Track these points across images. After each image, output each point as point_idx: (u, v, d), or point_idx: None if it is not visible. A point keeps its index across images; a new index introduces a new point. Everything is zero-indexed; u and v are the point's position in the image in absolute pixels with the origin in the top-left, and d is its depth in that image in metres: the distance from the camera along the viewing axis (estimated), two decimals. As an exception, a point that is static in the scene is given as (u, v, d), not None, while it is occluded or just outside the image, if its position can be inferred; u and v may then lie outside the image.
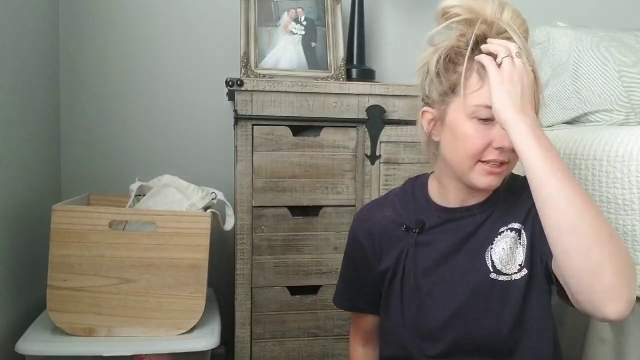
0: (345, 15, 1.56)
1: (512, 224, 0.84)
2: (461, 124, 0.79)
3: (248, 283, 1.28)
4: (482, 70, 0.77)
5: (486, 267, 0.83)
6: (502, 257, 0.83)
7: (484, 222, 0.85)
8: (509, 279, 0.82)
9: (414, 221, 0.88)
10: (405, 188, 0.95)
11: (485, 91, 0.76)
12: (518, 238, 0.83)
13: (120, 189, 1.44)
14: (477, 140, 0.78)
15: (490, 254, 0.83)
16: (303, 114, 1.28)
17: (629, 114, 1.30)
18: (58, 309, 1.11)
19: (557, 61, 1.38)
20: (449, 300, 0.84)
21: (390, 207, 0.93)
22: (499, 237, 0.83)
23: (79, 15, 1.55)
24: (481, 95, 0.77)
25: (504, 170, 0.80)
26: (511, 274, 0.82)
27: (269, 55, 1.43)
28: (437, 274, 0.86)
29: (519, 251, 0.83)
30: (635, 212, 0.95)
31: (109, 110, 1.58)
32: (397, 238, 0.90)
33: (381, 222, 0.92)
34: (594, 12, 1.85)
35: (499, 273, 0.83)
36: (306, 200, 1.30)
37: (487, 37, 0.79)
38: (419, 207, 0.90)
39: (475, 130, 0.78)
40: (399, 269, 0.89)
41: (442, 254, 0.86)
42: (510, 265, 0.82)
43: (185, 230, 1.13)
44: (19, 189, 1.24)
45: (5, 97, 1.18)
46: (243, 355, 1.29)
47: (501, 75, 0.74)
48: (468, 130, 0.78)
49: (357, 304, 1.00)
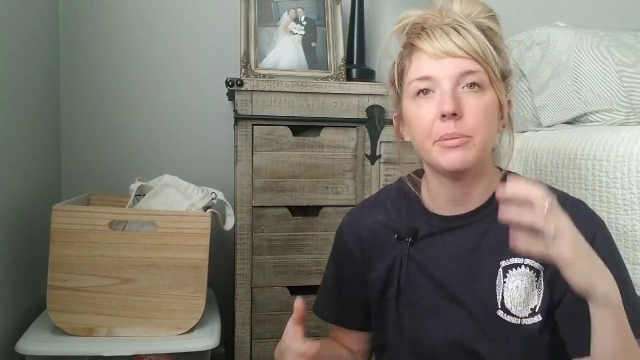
0: (345, 15, 1.56)
1: (530, 261, 0.77)
2: (408, 110, 0.78)
3: (248, 283, 1.28)
4: (411, 47, 0.77)
5: (494, 302, 0.77)
6: (514, 297, 0.76)
7: (487, 238, 0.78)
8: (518, 322, 0.76)
9: (406, 229, 0.83)
10: (399, 190, 0.89)
11: (415, 66, 0.76)
12: (535, 280, 0.76)
13: (120, 189, 1.44)
14: (422, 115, 0.75)
15: (503, 288, 0.77)
16: (303, 114, 1.28)
17: (629, 114, 1.30)
18: (58, 309, 1.11)
19: (557, 61, 1.38)
20: (448, 327, 0.79)
21: (382, 210, 0.87)
22: (514, 272, 0.77)
23: (79, 16, 1.55)
24: (413, 72, 0.76)
25: (467, 143, 0.73)
26: (521, 317, 0.76)
27: (269, 55, 1.43)
28: (435, 293, 0.80)
29: (534, 294, 0.76)
30: (635, 212, 0.94)
31: (108, 110, 1.58)
32: (389, 246, 0.84)
33: (372, 226, 0.86)
34: (594, 12, 1.85)
35: (507, 313, 0.77)
36: (306, 200, 1.30)
37: (432, 25, 0.76)
38: (412, 214, 0.84)
39: (418, 106, 0.76)
40: (393, 281, 0.83)
41: (440, 270, 0.80)
42: (522, 307, 0.76)
43: (185, 230, 1.13)
44: (19, 189, 1.24)
45: (5, 97, 1.18)
46: (243, 355, 1.29)
47: (562, 245, 0.60)
48: (413, 110, 0.77)
49: (343, 317, 0.92)
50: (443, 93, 0.73)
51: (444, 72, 0.74)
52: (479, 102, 0.74)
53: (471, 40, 0.73)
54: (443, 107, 0.72)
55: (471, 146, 0.74)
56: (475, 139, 0.73)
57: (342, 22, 1.49)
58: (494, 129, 0.77)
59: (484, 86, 0.74)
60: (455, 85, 0.74)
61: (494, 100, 0.75)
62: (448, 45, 0.73)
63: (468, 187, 0.80)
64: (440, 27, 0.75)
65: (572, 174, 1.08)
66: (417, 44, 0.76)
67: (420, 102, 0.76)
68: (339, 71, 1.44)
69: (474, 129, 0.73)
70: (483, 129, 0.74)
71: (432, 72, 0.74)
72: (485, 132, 0.74)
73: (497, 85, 0.75)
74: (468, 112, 0.73)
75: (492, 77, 0.74)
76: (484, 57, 0.74)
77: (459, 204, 0.81)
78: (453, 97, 0.72)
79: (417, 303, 0.82)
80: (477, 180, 0.79)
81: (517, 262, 0.77)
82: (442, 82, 0.74)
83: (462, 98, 0.73)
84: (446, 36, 0.74)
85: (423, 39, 0.75)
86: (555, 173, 1.13)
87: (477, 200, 0.81)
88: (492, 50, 0.75)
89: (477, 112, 0.73)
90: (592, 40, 1.36)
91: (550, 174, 1.15)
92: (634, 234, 0.95)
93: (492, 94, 0.75)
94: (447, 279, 0.80)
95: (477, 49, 0.73)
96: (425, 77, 0.75)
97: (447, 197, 0.81)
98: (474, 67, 0.73)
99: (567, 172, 1.10)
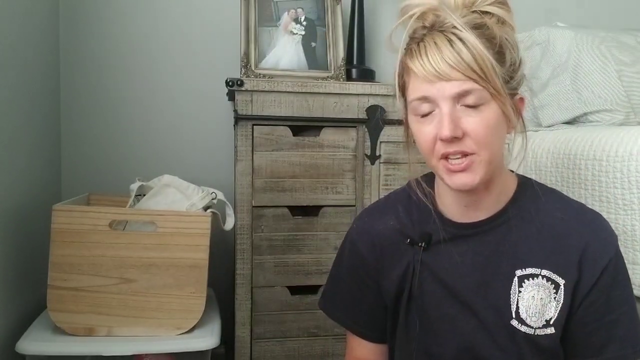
0: (345, 15, 1.56)
1: (547, 272, 0.76)
2: (412, 124, 0.76)
3: (248, 283, 1.28)
4: (406, 67, 0.73)
5: (508, 311, 0.76)
6: (530, 307, 0.75)
7: (503, 246, 0.77)
8: (531, 332, 0.75)
9: (418, 234, 0.81)
10: (410, 193, 0.86)
11: (412, 84, 0.72)
12: (554, 292, 0.75)
13: (120, 189, 1.44)
14: (423, 135, 0.73)
15: (518, 298, 0.76)
16: (303, 114, 1.28)
17: (629, 114, 1.30)
18: (58, 309, 1.11)
19: (557, 61, 1.38)
20: (459, 335, 0.78)
21: (393, 215, 0.84)
22: (531, 282, 0.76)
23: (79, 15, 1.55)
24: (412, 91, 0.73)
25: (472, 164, 0.71)
26: (535, 327, 0.75)
27: (269, 55, 1.43)
28: (447, 300, 0.79)
29: (551, 306, 0.75)
30: (635, 212, 0.94)
31: (109, 110, 1.58)
32: (401, 251, 0.82)
33: (385, 233, 0.83)
34: (594, 12, 1.85)
35: (522, 323, 0.76)
36: (306, 200, 1.30)
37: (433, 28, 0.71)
38: (424, 218, 0.82)
39: (420, 124, 0.73)
40: (405, 288, 0.82)
41: (453, 277, 0.78)
42: (537, 318, 0.75)
43: (186, 230, 1.13)
44: (19, 189, 1.24)
45: (5, 97, 1.18)
46: (243, 355, 1.29)
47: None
48: (416, 127, 0.74)
49: (357, 326, 0.89)
50: (442, 115, 0.70)
51: (440, 94, 0.70)
52: (480, 119, 0.70)
53: (466, 56, 0.67)
54: (441, 132, 0.69)
55: (477, 165, 0.71)
56: (480, 155, 0.71)
57: (342, 22, 1.49)
58: (501, 141, 0.74)
59: (485, 101, 0.70)
60: (454, 104, 0.70)
61: (497, 113, 0.71)
62: (440, 66, 0.68)
63: (480, 194, 0.78)
64: (433, 41, 0.69)
65: (571, 174, 1.08)
66: (410, 66, 0.72)
67: (421, 120, 0.73)
68: (339, 71, 1.44)
69: (478, 147, 0.70)
70: (487, 145, 0.71)
71: (429, 92, 0.70)
72: (490, 147, 0.71)
73: (500, 98, 0.70)
74: (469, 132, 0.70)
75: (492, 92, 0.69)
76: (481, 75, 0.68)
77: (473, 210, 0.79)
78: (451, 121, 0.69)
79: (428, 310, 0.80)
80: (489, 187, 0.78)
81: (534, 272, 0.76)
82: (440, 103, 0.70)
83: (461, 118, 0.70)
84: (438, 54, 0.68)
85: (415, 59, 0.71)
86: (555, 173, 1.13)
87: (492, 205, 0.79)
88: (492, 60, 0.68)
89: (479, 132, 0.70)
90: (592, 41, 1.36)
91: (550, 174, 1.15)
92: (633, 234, 0.95)
93: (494, 107, 0.70)
94: (460, 286, 0.78)
95: (473, 65, 0.68)
96: (423, 98, 0.71)
97: (459, 203, 0.79)
98: (471, 86, 0.68)
99: (566, 172, 1.10)
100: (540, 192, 0.81)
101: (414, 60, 0.71)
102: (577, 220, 0.78)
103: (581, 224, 0.77)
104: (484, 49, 0.68)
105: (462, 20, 0.69)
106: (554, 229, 0.77)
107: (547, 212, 0.79)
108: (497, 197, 0.79)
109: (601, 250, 0.75)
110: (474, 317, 0.78)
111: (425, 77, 0.70)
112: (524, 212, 0.79)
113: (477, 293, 0.78)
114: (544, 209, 0.79)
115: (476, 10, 0.72)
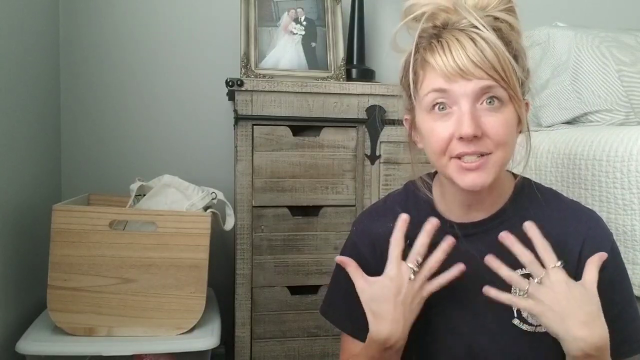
0: (345, 15, 1.56)
1: None
2: (422, 122, 0.75)
3: (248, 283, 1.28)
4: (423, 61, 0.72)
5: (510, 310, 0.76)
6: None
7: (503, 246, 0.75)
8: (533, 329, 0.76)
9: (418, 235, 0.79)
10: (408, 195, 0.86)
11: (428, 78, 0.71)
12: None
13: (120, 189, 1.44)
14: (437, 134, 0.72)
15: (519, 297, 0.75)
16: (303, 114, 1.28)
17: (629, 114, 1.30)
18: (58, 309, 1.11)
19: (557, 61, 1.38)
20: (459, 335, 0.79)
21: (392, 217, 0.82)
22: None
23: (79, 16, 1.55)
24: (428, 84, 0.72)
25: (486, 163, 0.71)
26: (536, 325, 0.76)
27: (269, 55, 1.43)
28: (447, 301, 0.79)
29: None
30: (635, 212, 0.94)
31: (109, 110, 1.58)
32: None
33: (384, 235, 0.81)
34: (594, 12, 1.85)
35: (523, 321, 0.76)
36: (306, 200, 1.30)
37: (446, 27, 0.71)
38: (424, 219, 0.79)
39: (434, 121, 0.72)
40: None
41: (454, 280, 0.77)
42: None
43: (186, 230, 1.13)
44: (19, 189, 1.24)
45: (6, 97, 1.18)
46: (243, 355, 1.29)
47: (531, 304, 0.69)
48: (429, 125, 0.73)
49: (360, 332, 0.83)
50: (462, 113, 0.69)
51: (461, 90, 0.69)
52: (500, 119, 0.70)
53: (489, 55, 0.68)
54: (462, 130, 0.69)
55: (490, 165, 0.71)
56: (495, 155, 0.71)
57: (342, 22, 1.49)
58: (514, 143, 0.75)
59: (504, 100, 0.70)
60: (474, 102, 0.70)
61: (514, 114, 0.72)
62: (464, 63, 0.68)
63: (483, 194, 0.78)
64: (455, 37, 0.69)
65: (571, 174, 1.08)
66: (429, 60, 0.71)
67: (436, 117, 0.72)
68: (339, 71, 1.44)
69: (495, 147, 0.70)
70: (504, 145, 0.71)
71: (449, 86, 0.70)
72: (505, 148, 0.71)
73: (517, 100, 0.71)
74: (489, 131, 0.70)
75: (511, 95, 0.70)
76: (503, 75, 0.68)
77: (474, 210, 0.80)
78: (472, 119, 0.68)
79: (428, 311, 0.79)
80: (491, 186, 0.77)
81: None
82: (460, 101, 0.70)
83: (481, 116, 0.70)
84: (462, 51, 0.68)
85: (436, 54, 0.70)
86: (555, 173, 1.13)
87: (492, 204, 0.80)
88: (512, 61, 0.69)
89: (498, 131, 0.70)
90: (592, 41, 1.36)
91: (549, 173, 1.15)
92: (633, 234, 0.95)
93: (511, 108, 0.71)
94: (460, 286, 0.78)
95: (495, 65, 0.68)
96: (441, 89, 0.70)
97: (462, 202, 0.80)
98: (492, 85, 0.69)
99: (566, 172, 1.10)
100: (538, 192, 0.81)
101: (435, 55, 0.70)
102: (573, 219, 0.79)
103: (577, 222, 0.78)
104: (505, 50, 0.69)
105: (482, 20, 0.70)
106: (552, 228, 0.77)
107: (545, 211, 0.79)
108: (499, 195, 0.80)
109: (597, 246, 0.75)
110: (475, 317, 0.78)
111: (445, 73, 0.69)
112: (523, 211, 0.79)
113: (477, 293, 0.77)
114: (541, 208, 0.80)
115: (489, 15, 0.72)
